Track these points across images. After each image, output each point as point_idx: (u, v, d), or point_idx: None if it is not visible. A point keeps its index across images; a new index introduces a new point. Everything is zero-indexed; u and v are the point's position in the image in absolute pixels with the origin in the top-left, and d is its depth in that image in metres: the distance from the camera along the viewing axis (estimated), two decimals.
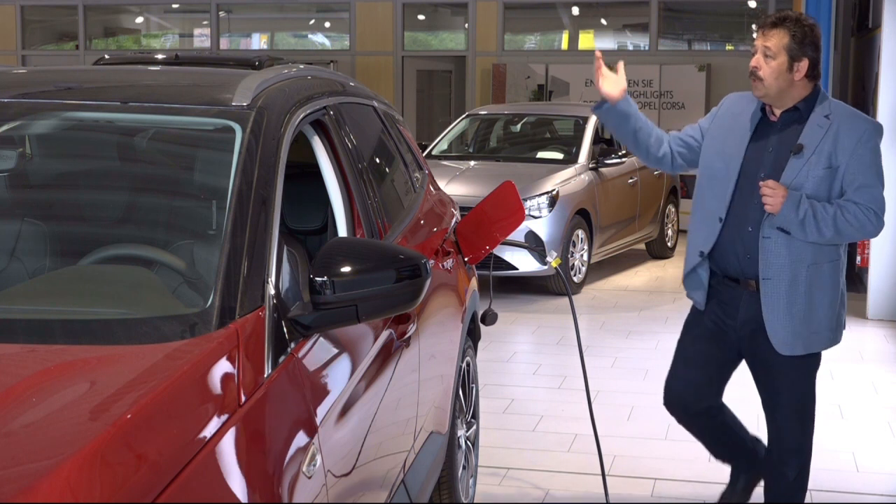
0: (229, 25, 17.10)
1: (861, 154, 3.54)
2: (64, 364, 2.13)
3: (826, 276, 3.61)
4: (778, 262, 3.56)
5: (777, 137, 3.62)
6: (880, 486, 4.85)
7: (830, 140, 3.54)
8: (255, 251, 2.43)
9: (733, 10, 14.71)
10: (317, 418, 2.38)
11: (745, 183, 3.63)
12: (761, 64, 3.57)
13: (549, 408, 5.87)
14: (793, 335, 3.61)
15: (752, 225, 3.61)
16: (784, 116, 3.63)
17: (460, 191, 8.51)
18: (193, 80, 3.27)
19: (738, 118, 3.71)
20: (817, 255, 3.58)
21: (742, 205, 3.63)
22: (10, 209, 2.92)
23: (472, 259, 4.42)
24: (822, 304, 3.62)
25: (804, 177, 3.53)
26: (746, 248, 3.62)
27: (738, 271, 3.67)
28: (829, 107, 3.60)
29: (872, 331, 7.98)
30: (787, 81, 3.57)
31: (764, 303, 3.59)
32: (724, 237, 3.66)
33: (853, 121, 3.59)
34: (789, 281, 3.56)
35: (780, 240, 3.55)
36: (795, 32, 3.56)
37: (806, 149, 3.53)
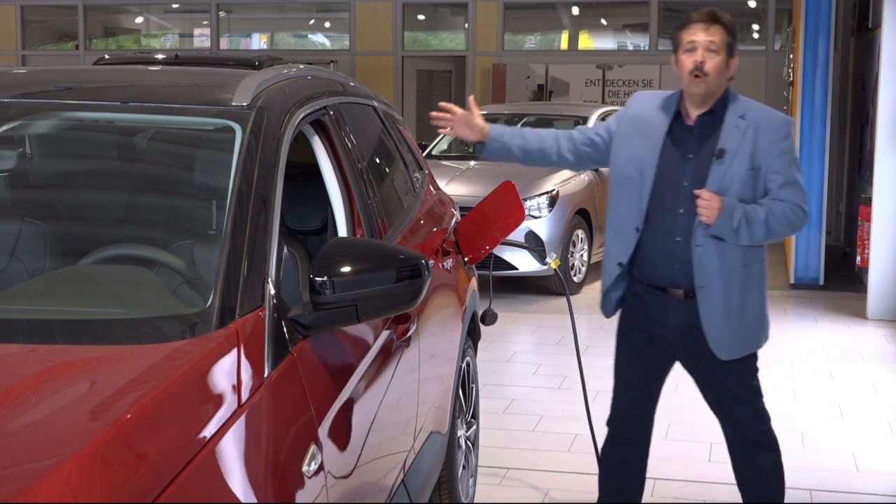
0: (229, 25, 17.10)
1: (780, 151, 3.51)
2: (64, 364, 2.12)
3: (756, 277, 3.58)
4: (712, 270, 3.49)
5: (696, 142, 3.53)
6: (880, 486, 4.85)
7: (749, 141, 3.49)
8: (255, 251, 2.43)
9: (733, 10, 14.70)
10: (317, 418, 2.38)
11: (666, 191, 3.53)
12: (707, 59, 3.46)
13: (549, 408, 5.86)
14: (731, 339, 3.56)
15: (680, 234, 3.52)
16: (700, 120, 3.54)
17: (460, 191, 8.51)
18: (193, 80, 3.27)
19: (649, 121, 3.60)
20: (747, 257, 3.54)
21: (667, 214, 3.54)
22: (10, 209, 2.92)
23: (472, 259, 4.42)
24: (755, 305, 3.59)
25: (729, 181, 3.46)
26: (677, 258, 3.53)
27: (667, 281, 3.58)
28: (742, 106, 3.55)
29: (872, 331, 7.98)
30: (723, 79, 3.52)
31: (702, 311, 3.52)
32: (649, 247, 3.57)
33: (768, 118, 3.55)
34: (724, 286, 3.50)
35: (711, 247, 3.48)
36: (730, 29, 3.52)
37: (727, 152, 3.47)
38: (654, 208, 3.55)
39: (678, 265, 3.53)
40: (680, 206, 3.51)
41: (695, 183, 3.49)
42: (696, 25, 3.49)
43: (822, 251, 9.34)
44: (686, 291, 3.56)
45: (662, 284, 3.59)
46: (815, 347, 7.41)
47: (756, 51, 14.24)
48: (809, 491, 4.75)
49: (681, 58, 3.51)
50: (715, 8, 3.55)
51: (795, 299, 9.05)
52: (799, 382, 6.48)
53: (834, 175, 11.61)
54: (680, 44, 3.52)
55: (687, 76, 3.48)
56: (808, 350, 7.33)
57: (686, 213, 3.50)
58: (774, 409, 5.89)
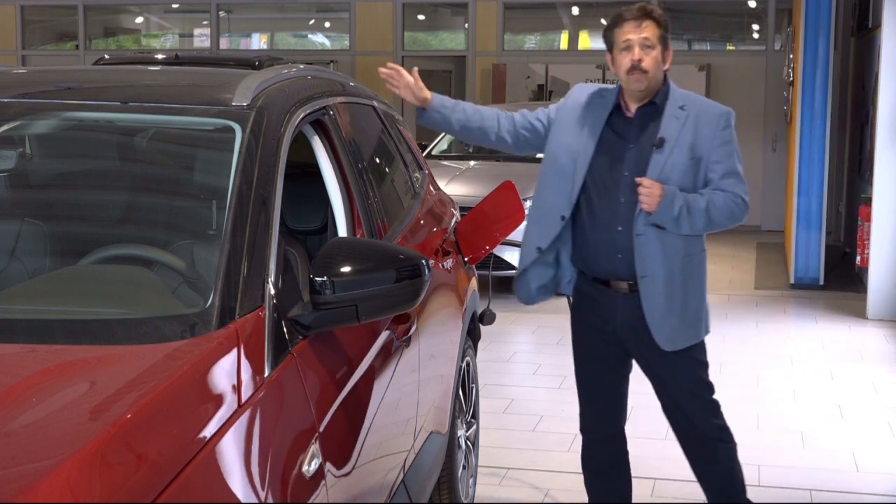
0: (229, 25, 17.10)
1: (720, 141, 3.52)
2: (64, 364, 2.12)
3: (696, 267, 3.58)
4: (653, 259, 3.49)
5: (636, 133, 3.55)
6: (880, 486, 4.85)
7: (690, 131, 3.50)
8: (255, 251, 2.43)
9: (733, 10, 14.71)
10: (317, 418, 2.38)
11: (606, 181, 3.54)
12: (643, 56, 3.47)
13: (549, 408, 5.87)
14: (673, 330, 3.55)
15: (622, 224, 3.52)
16: (640, 111, 3.56)
17: (460, 191, 8.51)
18: (193, 80, 3.27)
19: (588, 112, 3.60)
20: (689, 247, 3.54)
21: (608, 204, 3.54)
22: (10, 209, 2.92)
23: (472, 259, 4.42)
24: (696, 296, 3.59)
25: (669, 170, 3.47)
26: (618, 248, 3.53)
27: (610, 273, 3.58)
28: (681, 98, 3.56)
29: (872, 331, 7.98)
30: (661, 72, 3.53)
31: (644, 301, 3.52)
32: (592, 238, 3.58)
33: (708, 109, 3.56)
34: (666, 276, 3.50)
35: (652, 236, 3.48)
36: (662, 23, 3.52)
37: (667, 142, 3.48)
38: (595, 199, 3.55)
39: (620, 255, 3.53)
40: (621, 196, 3.52)
41: (635, 172, 3.50)
42: (628, 24, 3.51)
43: (822, 251, 9.34)
44: (630, 284, 3.55)
45: (606, 277, 3.60)
46: (815, 347, 7.41)
47: (756, 51, 14.24)
48: (809, 491, 4.75)
49: (617, 57, 3.53)
50: (645, 3, 3.57)
51: (795, 299, 9.05)
52: (799, 382, 6.48)
53: (834, 175, 11.61)
54: (615, 43, 3.54)
55: (625, 75, 3.50)
56: (808, 350, 7.32)
57: (627, 203, 3.50)
58: (774, 409, 5.93)
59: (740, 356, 7.03)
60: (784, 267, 10.25)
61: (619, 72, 3.52)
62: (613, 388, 3.75)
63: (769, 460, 5.11)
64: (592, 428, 3.82)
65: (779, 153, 13.12)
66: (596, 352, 3.71)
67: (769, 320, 8.26)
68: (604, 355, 3.70)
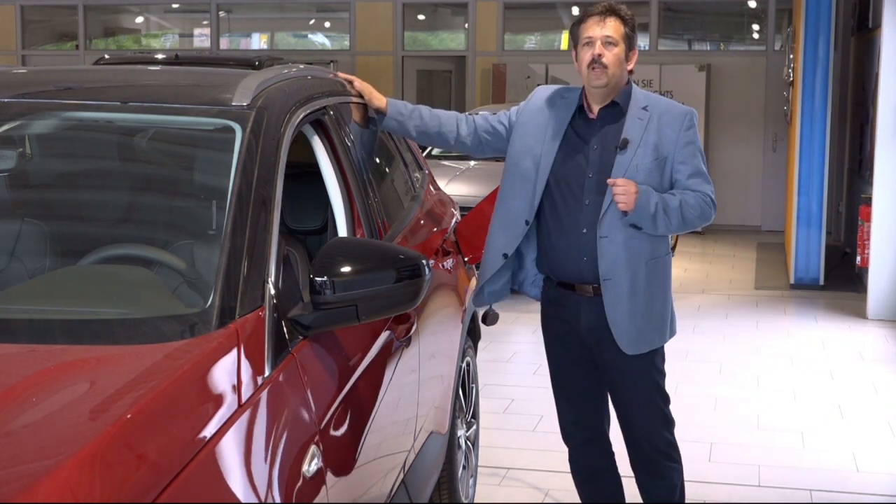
0: (229, 25, 17.10)
1: (685, 141, 3.50)
2: (64, 364, 2.12)
3: (661, 271, 3.55)
4: (617, 261, 3.45)
5: (599, 135, 3.52)
6: (880, 486, 4.85)
7: (653, 131, 3.48)
8: (255, 251, 2.43)
9: (733, 10, 14.71)
10: (317, 418, 2.38)
11: (570, 183, 3.51)
12: (605, 52, 3.44)
13: (549, 408, 5.81)
14: (637, 333, 3.51)
15: (586, 227, 3.48)
16: (603, 112, 3.53)
17: (460, 191, 8.50)
18: (193, 80, 3.27)
19: (550, 114, 3.57)
20: (654, 250, 3.51)
21: (572, 206, 3.51)
22: (10, 209, 2.92)
23: (472, 259, 4.42)
24: (660, 299, 3.55)
25: (633, 171, 3.44)
26: (583, 251, 3.50)
27: (575, 276, 3.54)
28: (644, 99, 3.53)
29: (872, 331, 7.98)
30: (623, 71, 3.49)
31: (607, 304, 3.48)
32: (556, 242, 3.54)
33: (671, 110, 3.53)
34: (630, 279, 3.47)
35: (617, 238, 3.45)
36: (627, 21, 3.50)
37: (631, 143, 3.45)
38: (559, 202, 3.52)
39: (585, 258, 3.50)
40: (585, 198, 3.49)
41: (599, 174, 3.47)
42: (592, 19, 3.48)
43: (822, 251, 9.34)
44: (594, 287, 3.52)
45: (571, 280, 3.56)
46: (815, 347, 7.41)
47: (756, 51, 14.24)
48: (809, 491, 4.75)
49: (579, 52, 3.51)
50: (612, 2, 3.54)
51: (795, 299, 9.05)
52: (799, 382, 6.48)
53: (834, 175, 11.61)
54: (578, 39, 3.52)
55: (585, 69, 3.47)
56: (808, 350, 7.32)
57: (592, 205, 3.47)
58: (774, 409, 5.93)
59: (740, 356, 7.03)
60: (784, 267, 10.25)
61: (581, 67, 3.50)
62: (589, 391, 3.70)
63: (769, 460, 5.11)
64: (573, 433, 3.79)
65: (779, 153, 13.11)
66: (568, 356, 3.67)
67: (769, 320, 8.26)
68: (576, 359, 3.65)
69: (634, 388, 3.61)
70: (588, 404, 3.72)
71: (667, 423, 3.66)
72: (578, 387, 3.70)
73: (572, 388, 3.72)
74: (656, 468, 3.67)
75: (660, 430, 3.64)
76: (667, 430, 3.66)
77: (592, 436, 3.76)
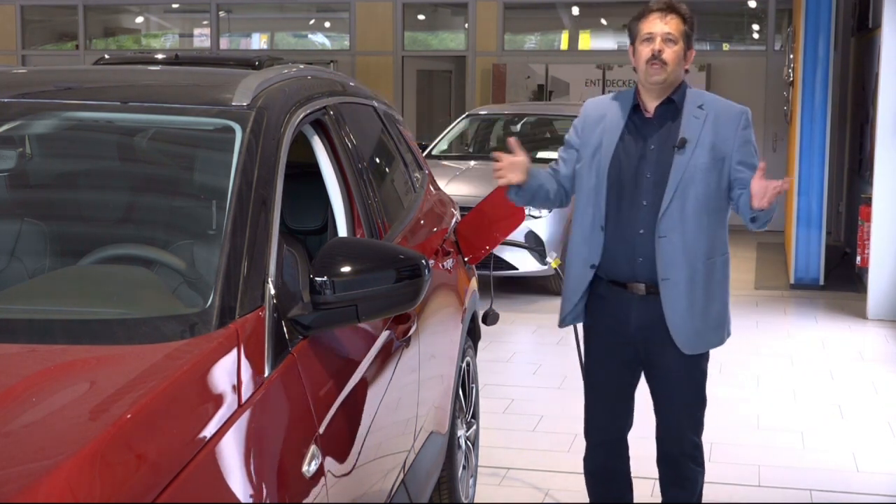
0: (229, 25, 17.10)
1: (743, 140, 3.51)
2: (64, 364, 2.12)
3: (719, 271, 3.55)
4: (675, 262, 3.45)
5: (656, 134, 3.51)
6: (880, 486, 4.85)
7: (710, 130, 3.47)
8: (255, 251, 2.43)
9: (733, 10, 14.71)
10: (317, 418, 2.38)
11: (628, 184, 3.50)
12: (665, 48, 3.43)
13: (549, 408, 5.87)
14: (695, 333, 3.51)
15: (643, 227, 3.47)
16: (659, 111, 3.52)
17: (460, 191, 8.51)
18: (193, 80, 3.27)
19: (606, 120, 3.56)
20: (711, 250, 3.51)
21: (630, 207, 3.50)
22: (10, 209, 2.92)
23: (472, 259, 4.42)
24: (718, 299, 3.56)
25: (692, 171, 3.44)
26: (638, 252, 3.49)
27: (629, 275, 3.53)
28: (699, 97, 3.53)
29: (872, 331, 7.98)
30: (681, 69, 3.49)
31: (665, 304, 3.48)
32: (612, 241, 3.52)
33: (727, 109, 3.54)
34: (688, 279, 3.47)
35: (676, 238, 3.45)
36: (687, 19, 3.49)
37: (689, 142, 3.44)
38: (617, 202, 3.51)
39: (641, 258, 3.50)
40: (643, 199, 3.48)
41: (657, 174, 3.46)
42: (653, 15, 3.47)
43: (822, 251, 9.34)
44: (648, 286, 3.51)
45: (624, 279, 3.55)
46: (815, 347, 7.41)
47: (756, 51, 14.24)
48: (809, 491, 4.75)
49: (638, 48, 3.50)
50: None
51: (795, 299, 9.05)
52: (799, 382, 6.48)
53: (834, 175, 11.61)
54: (637, 35, 3.50)
55: (644, 65, 3.46)
56: (808, 350, 7.33)
57: (649, 205, 3.47)
58: (774, 409, 5.93)
59: (740, 356, 7.03)
60: (784, 267, 10.25)
61: (639, 63, 3.48)
62: (622, 392, 3.70)
63: (769, 460, 5.11)
64: (596, 432, 3.77)
65: (779, 153, 13.11)
66: (608, 355, 3.66)
67: (769, 320, 8.26)
68: (615, 359, 3.65)
69: (678, 388, 3.62)
70: (618, 405, 3.71)
71: (699, 427, 3.67)
72: (612, 386, 3.69)
73: (605, 388, 3.70)
74: (681, 470, 3.69)
75: (691, 433, 3.66)
76: (697, 433, 3.67)
77: (614, 437, 3.76)
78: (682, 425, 3.64)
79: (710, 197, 3.48)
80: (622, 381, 3.68)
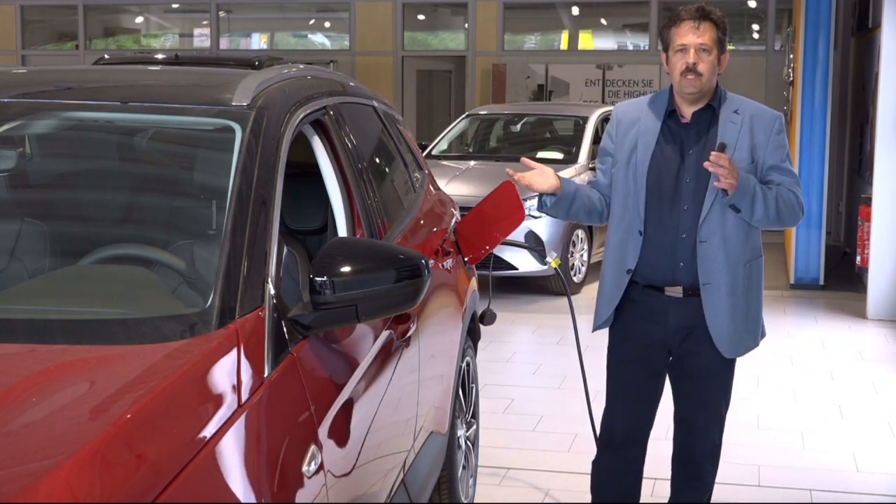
0: (229, 25, 17.10)
1: (776, 145, 3.51)
2: (64, 364, 2.12)
3: (756, 273, 3.56)
4: (716, 266, 3.45)
5: (693, 139, 3.50)
6: (880, 486, 4.85)
7: (747, 135, 3.48)
8: (255, 251, 2.43)
9: (733, 10, 14.70)
10: (317, 418, 2.38)
11: (668, 189, 3.49)
12: (699, 60, 3.41)
13: (549, 408, 5.87)
14: (737, 337, 3.53)
15: (685, 231, 3.47)
16: (697, 116, 3.50)
17: (460, 191, 8.51)
18: (193, 80, 3.27)
19: (641, 124, 3.54)
20: (751, 253, 3.52)
21: (670, 211, 3.49)
22: (10, 209, 2.92)
23: (472, 259, 4.42)
24: (756, 301, 3.58)
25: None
26: (679, 256, 3.48)
27: (667, 280, 3.52)
28: (733, 102, 3.53)
29: (872, 331, 7.98)
30: (715, 76, 3.48)
31: (707, 309, 3.47)
32: (652, 246, 3.51)
33: (761, 113, 3.54)
34: (730, 283, 3.46)
35: (716, 242, 3.44)
36: (720, 25, 3.46)
37: (728, 146, 3.43)
38: (658, 207, 3.50)
39: (682, 263, 3.49)
40: (684, 203, 3.48)
41: (696, 179, 3.46)
42: (685, 25, 3.43)
43: (822, 251, 9.34)
44: (686, 289, 3.51)
45: (662, 284, 3.54)
46: (815, 347, 7.41)
47: (756, 51, 14.24)
48: (809, 491, 4.75)
49: (672, 58, 3.48)
50: (704, 4, 3.49)
51: (795, 299, 9.05)
52: (799, 382, 6.48)
53: (834, 175, 11.61)
54: (670, 44, 3.48)
55: (679, 77, 3.45)
56: (808, 350, 7.33)
57: (690, 210, 3.47)
58: (774, 409, 5.92)
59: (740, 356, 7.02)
60: (784, 267, 10.25)
61: (673, 73, 3.46)
62: (647, 397, 3.68)
63: (769, 460, 5.11)
64: (615, 435, 3.74)
65: None
66: (636, 360, 3.64)
67: (769, 320, 8.16)
68: (644, 363, 3.63)
69: (711, 389, 3.63)
70: (641, 410, 3.70)
71: (723, 427, 3.69)
72: (637, 390, 3.68)
73: (631, 391, 3.69)
74: (697, 470, 3.70)
75: (717, 432, 3.67)
76: (721, 434, 3.69)
77: (635, 440, 3.74)
78: (711, 425, 3.66)
79: None
80: (649, 385, 3.67)
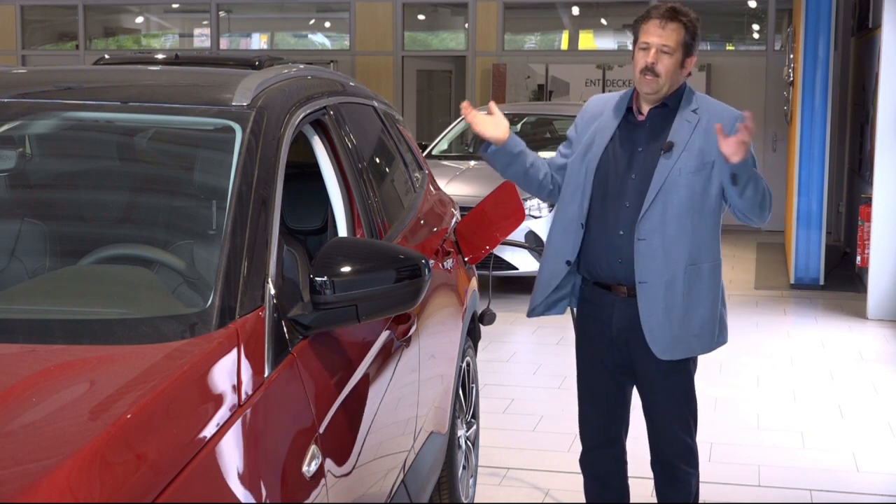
0: (229, 25, 17.10)
1: None
2: (64, 364, 2.12)
3: (705, 277, 3.47)
4: (654, 265, 3.41)
5: (646, 137, 3.47)
6: (880, 486, 4.85)
7: (700, 135, 3.43)
8: (255, 251, 2.43)
9: (733, 10, 14.70)
10: (317, 418, 2.38)
11: (613, 185, 3.47)
12: (658, 60, 3.39)
13: (549, 408, 5.87)
14: (672, 339, 3.45)
15: (623, 228, 3.44)
16: (652, 113, 3.48)
17: (460, 191, 8.51)
18: (193, 80, 3.27)
19: (601, 119, 3.54)
20: (695, 256, 3.44)
21: (613, 208, 3.47)
22: (10, 209, 2.92)
23: (472, 259, 4.42)
24: (703, 306, 3.48)
25: (676, 175, 3.40)
26: (618, 253, 3.46)
27: (609, 277, 3.51)
28: (696, 101, 3.49)
29: (872, 331, 7.98)
30: (678, 77, 3.46)
31: (641, 307, 3.44)
32: (595, 242, 3.50)
33: (720, 113, 3.48)
34: (666, 284, 3.41)
35: (655, 241, 3.40)
36: (689, 27, 3.45)
37: (676, 146, 3.40)
38: (601, 202, 3.49)
39: (620, 260, 3.47)
40: (626, 200, 3.46)
41: (642, 176, 3.44)
42: (652, 23, 3.42)
43: (822, 251, 9.34)
44: (629, 289, 3.48)
45: (607, 281, 3.53)
46: (815, 347, 7.41)
47: (756, 51, 14.24)
48: (809, 491, 4.75)
49: (635, 55, 3.47)
50: (679, 4, 3.47)
51: (795, 299, 9.05)
52: (799, 382, 6.48)
53: (834, 175, 11.61)
54: (637, 39, 3.46)
55: (637, 74, 3.44)
56: (808, 350, 7.33)
57: (631, 207, 3.44)
58: (774, 409, 5.93)
59: (740, 356, 7.02)
60: (784, 267, 10.25)
61: (634, 70, 3.46)
62: (613, 396, 3.66)
63: (769, 460, 5.11)
64: (590, 435, 3.76)
65: (779, 153, 13.11)
66: (597, 358, 3.63)
67: (769, 320, 8.26)
68: (605, 362, 3.62)
69: (662, 392, 3.58)
70: (610, 409, 3.69)
71: (690, 428, 3.64)
72: (602, 390, 3.66)
73: (596, 391, 3.68)
74: (675, 473, 3.67)
75: (683, 434, 3.62)
76: (689, 434, 3.64)
77: (609, 440, 3.73)
78: (673, 428, 3.62)
79: (694, 201, 3.43)
80: (612, 384, 3.65)
